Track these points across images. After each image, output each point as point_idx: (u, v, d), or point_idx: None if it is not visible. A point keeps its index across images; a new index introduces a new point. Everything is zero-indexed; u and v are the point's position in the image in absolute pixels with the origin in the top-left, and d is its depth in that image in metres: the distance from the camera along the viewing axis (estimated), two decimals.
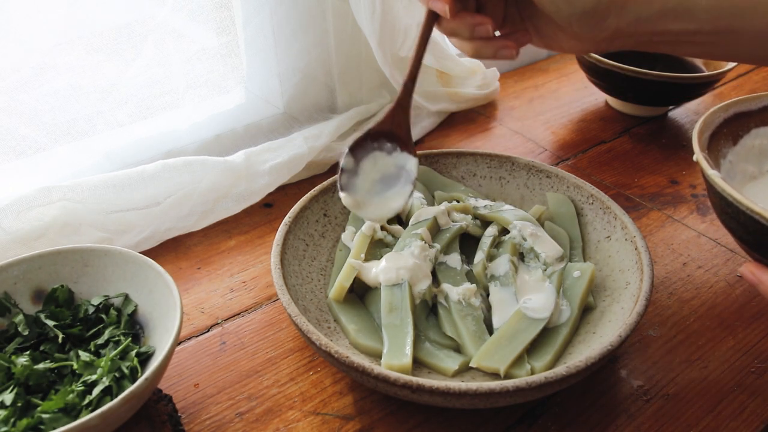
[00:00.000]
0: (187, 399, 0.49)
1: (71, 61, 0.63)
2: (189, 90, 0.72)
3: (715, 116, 0.51)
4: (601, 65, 0.80)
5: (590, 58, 0.81)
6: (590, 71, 0.85)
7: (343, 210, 0.62)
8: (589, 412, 0.48)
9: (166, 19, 0.66)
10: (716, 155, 0.51)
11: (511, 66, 1.02)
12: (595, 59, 0.81)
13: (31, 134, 0.63)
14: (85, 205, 0.61)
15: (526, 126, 0.86)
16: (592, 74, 0.85)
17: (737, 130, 0.53)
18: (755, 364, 0.51)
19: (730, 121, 0.52)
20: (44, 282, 0.52)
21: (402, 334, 0.48)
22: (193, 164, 0.66)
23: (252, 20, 0.72)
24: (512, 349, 0.47)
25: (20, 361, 0.45)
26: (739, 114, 0.53)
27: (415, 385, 0.42)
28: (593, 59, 0.81)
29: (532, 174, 0.64)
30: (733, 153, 0.52)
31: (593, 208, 0.59)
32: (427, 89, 0.82)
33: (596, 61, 0.80)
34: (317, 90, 0.80)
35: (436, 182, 0.66)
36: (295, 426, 0.47)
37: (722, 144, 0.52)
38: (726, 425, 0.47)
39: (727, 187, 0.44)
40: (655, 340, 0.54)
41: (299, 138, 0.72)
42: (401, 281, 0.51)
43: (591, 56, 0.81)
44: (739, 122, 0.53)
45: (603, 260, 0.56)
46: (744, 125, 0.53)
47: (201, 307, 0.58)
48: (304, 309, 0.51)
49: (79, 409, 0.42)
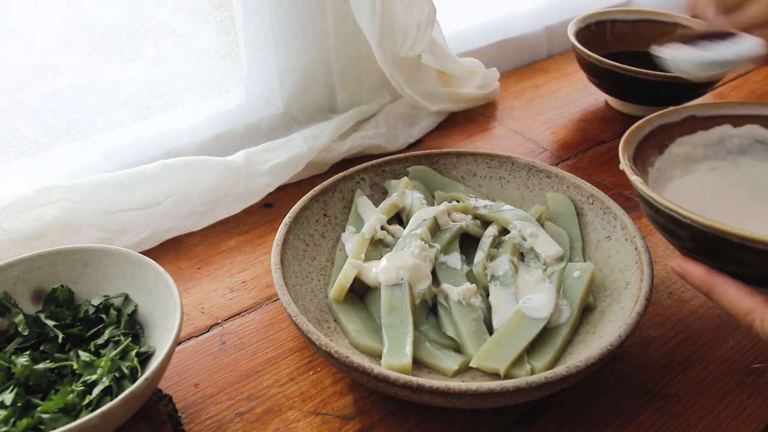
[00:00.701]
0: (187, 399, 0.49)
1: (71, 61, 0.63)
2: (189, 90, 0.72)
3: (640, 129, 0.55)
4: (602, 65, 0.80)
5: (590, 57, 0.81)
6: (590, 71, 0.84)
7: (343, 210, 0.62)
8: (589, 412, 0.48)
9: (166, 19, 0.66)
10: (644, 164, 0.54)
11: (511, 66, 1.02)
12: (595, 59, 0.80)
13: (31, 134, 0.63)
14: (85, 205, 0.61)
15: (526, 126, 0.86)
16: (592, 74, 0.85)
17: (663, 141, 0.56)
18: (755, 364, 0.51)
19: (655, 132, 0.56)
20: (44, 282, 0.52)
21: (402, 334, 0.48)
22: (193, 164, 0.66)
23: (252, 20, 0.72)
24: (512, 349, 0.47)
25: (20, 361, 0.45)
26: (663, 126, 0.56)
27: (415, 385, 0.42)
28: (593, 59, 0.80)
29: (532, 174, 0.64)
30: (660, 161, 0.56)
31: (593, 208, 0.59)
32: (427, 89, 0.82)
33: (596, 61, 0.80)
34: (317, 90, 0.80)
35: (436, 182, 0.66)
36: (295, 426, 0.47)
37: (649, 153, 0.55)
38: (726, 425, 0.47)
39: (645, 189, 0.47)
40: (655, 340, 0.54)
41: (299, 138, 0.72)
42: (401, 281, 0.51)
43: (591, 56, 0.80)
44: (664, 133, 0.56)
45: (603, 260, 0.56)
46: (669, 135, 0.56)
47: (201, 307, 0.58)
48: (304, 309, 0.51)
49: (79, 409, 0.42)
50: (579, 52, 0.83)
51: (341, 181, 0.63)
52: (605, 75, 0.81)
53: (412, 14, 0.73)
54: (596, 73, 0.83)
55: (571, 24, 0.87)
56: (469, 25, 0.98)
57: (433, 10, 0.74)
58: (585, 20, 0.89)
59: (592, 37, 0.88)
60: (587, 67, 0.84)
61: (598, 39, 0.89)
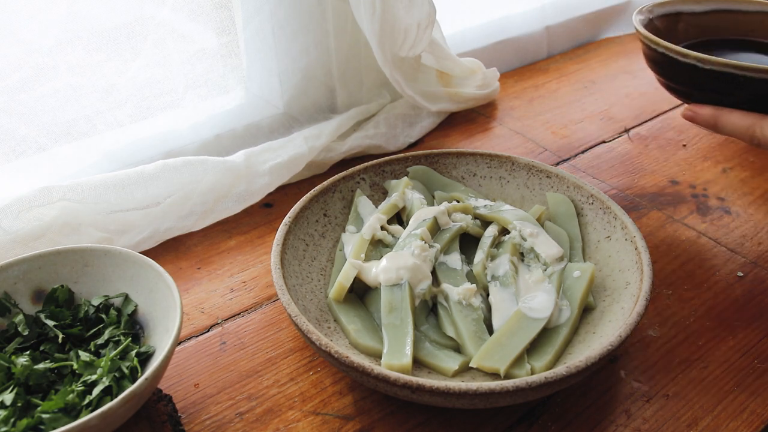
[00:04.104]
0: (187, 399, 0.49)
1: (71, 61, 0.63)
2: (189, 90, 0.72)
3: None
4: (705, 65, 0.55)
5: (680, 54, 0.57)
6: (674, 72, 0.60)
7: (343, 210, 0.62)
8: (589, 412, 0.48)
9: (166, 19, 0.66)
10: None
11: (511, 66, 1.02)
12: (696, 57, 0.56)
13: (31, 134, 0.63)
14: (85, 205, 0.61)
15: (526, 126, 0.86)
16: (678, 76, 0.60)
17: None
18: (755, 364, 0.51)
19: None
20: (44, 282, 0.52)
21: (402, 334, 0.48)
22: (193, 164, 0.66)
23: (252, 20, 0.72)
24: (512, 349, 0.47)
25: (20, 361, 0.45)
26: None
27: (415, 385, 0.42)
28: (686, 56, 0.56)
29: (532, 174, 0.64)
30: None
31: (593, 208, 0.59)
32: (427, 89, 0.82)
33: (697, 60, 0.55)
34: (317, 90, 0.80)
35: (436, 182, 0.66)
36: (295, 426, 0.47)
37: None
38: (726, 425, 0.47)
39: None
40: (655, 340, 0.54)
41: (299, 138, 0.72)
42: (401, 281, 0.51)
43: (683, 52, 0.57)
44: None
45: (603, 260, 0.56)
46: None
47: (201, 307, 0.58)
48: (304, 309, 0.51)
49: (79, 409, 0.42)
50: (655, 46, 0.59)
51: (341, 181, 0.63)
52: (706, 78, 0.56)
53: (412, 14, 0.73)
54: (687, 74, 0.58)
55: (635, 16, 0.66)
56: (469, 25, 0.98)
57: (433, 10, 0.74)
58: (645, 13, 0.68)
59: (659, 34, 0.65)
60: (669, 67, 0.60)
61: (667, 35, 0.67)
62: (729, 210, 0.69)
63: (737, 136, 0.53)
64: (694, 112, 0.55)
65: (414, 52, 0.77)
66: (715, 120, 0.53)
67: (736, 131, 0.52)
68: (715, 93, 0.56)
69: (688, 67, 0.55)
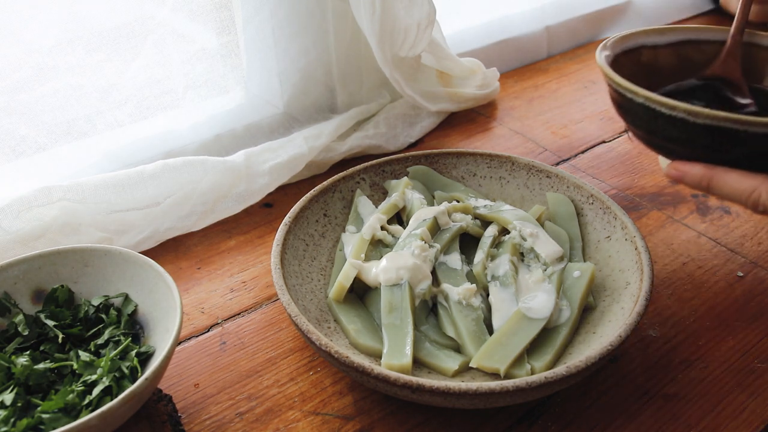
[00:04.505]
0: (187, 399, 0.49)
1: (71, 61, 0.63)
2: (189, 90, 0.72)
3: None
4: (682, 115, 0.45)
5: (655, 102, 0.47)
6: (648, 124, 0.50)
7: (343, 210, 0.62)
8: (589, 412, 0.48)
9: (166, 19, 0.66)
10: None
11: (511, 66, 1.02)
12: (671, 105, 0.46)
13: (31, 134, 0.63)
14: (85, 205, 0.61)
15: (526, 126, 0.86)
16: (653, 129, 0.50)
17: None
18: (755, 364, 0.51)
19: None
20: (44, 282, 0.52)
21: (402, 334, 0.48)
22: (193, 164, 0.66)
23: (252, 20, 0.72)
24: (512, 349, 0.47)
25: (20, 361, 0.45)
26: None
27: (415, 385, 0.42)
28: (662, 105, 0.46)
29: (532, 174, 0.64)
30: None
31: (593, 208, 0.59)
32: (427, 89, 0.82)
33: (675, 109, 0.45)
34: (317, 90, 0.80)
35: (436, 182, 0.66)
36: (295, 426, 0.47)
37: None
38: (726, 425, 0.47)
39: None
40: (655, 340, 0.54)
41: (299, 138, 0.72)
42: (401, 281, 0.51)
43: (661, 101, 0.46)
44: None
45: (603, 260, 0.56)
46: None
47: (201, 307, 0.58)
48: (304, 309, 0.51)
49: (79, 409, 0.42)
50: (632, 95, 0.49)
51: (341, 181, 0.63)
52: (698, 133, 0.45)
53: (412, 14, 0.73)
54: (674, 129, 0.47)
55: (600, 54, 0.56)
56: (469, 25, 0.98)
57: (433, 10, 0.74)
58: (610, 48, 0.57)
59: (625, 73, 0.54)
60: (649, 120, 0.48)
61: (633, 74, 0.55)
62: (729, 210, 0.69)
63: (736, 201, 0.44)
64: (682, 171, 0.45)
65: (414, 52, 0.77)
66: (709, 181, 0.44)
67: (735, 195, 0.43)
68: (708, 150, 0.45)
69: (674, 121, 0.44)
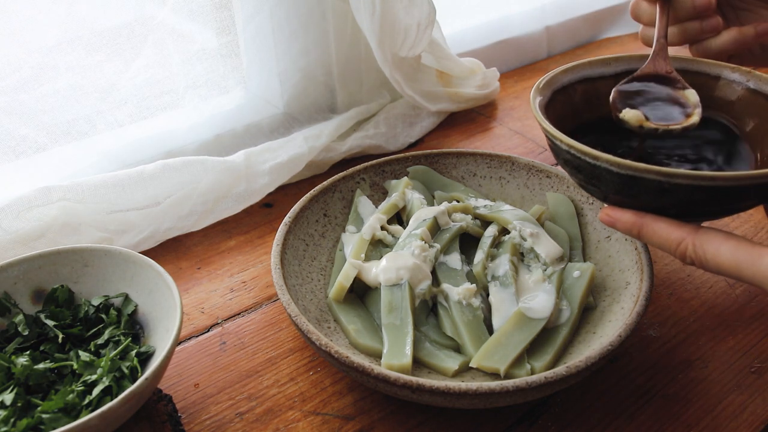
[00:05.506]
0: (187, 399, 0.49)
1: (71, 61, 0.63)
2: (189, 90, 0.72)
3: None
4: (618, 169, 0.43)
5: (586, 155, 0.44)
6: (583, 173, 0.47)
7: (343, 210, 0.62)
8: (589, 412, 0.48)
9: (166, 19, 0.66)
10: None
11: (511, 66, 1.02)
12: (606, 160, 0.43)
13: (31, 134, 0.63)
14: (85, 205, 0.61)
15: (526, 126, 0.86)
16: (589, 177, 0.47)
17: None
18: (755, 364, 0.51)
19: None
20: (44, 282, 0.52)
21: (402, 334, 0.48)
22: (193, 164, 0.66)
23: (252, 20, 0.72)
24: (512, 349, 0.47)
25: (20, 361, 0.45)
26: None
27: (415, 385, 0.42)
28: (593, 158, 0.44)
29: (532, 174, 0.64)
30: None
31: (593, 208, 0.59)
32: (427, 89, 0.82)
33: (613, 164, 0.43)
34: (317, 90, 0.80)
35: (436, 182, 0.66)
36: (295, 426, 0.47)
37: None
38: (726, 425, 0.47)
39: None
40: (655, 340, 0.54)
41: (299, 138, 0.72)
42: (401, 281, 0.51)
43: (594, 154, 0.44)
44: None
45: (603, 260, 0.56)
46: None
47: (201, 307, 0.58)
48: (304, 309, 0.51)
49: (79, 409, 0.42)
50: (551, 137, 0.49)
51: (341, 181, 0.63)
52: (623, 183, 0.43)
53: (412, 14, 0.73)
54: (603, 177, 0.44)
55: (534, 99, 0.55)
56: (469, 25, 0.98)
57: (433, 10, 0.74)
58: (545, 90, 0.58)
59: (560, 114, 0.56)
60: (583, 169, 0.46)
61: (566, 116, 0.56)
62: None
63: (665, 250, 0.43)
64: (614, 218, 0.45)
65: (414, 52, 0.77)
66: (639, 230, 0.44)
67: (665, 245, 0.43)
68: (636, 198, 0.44)
69: (599, 171, 0.43)
